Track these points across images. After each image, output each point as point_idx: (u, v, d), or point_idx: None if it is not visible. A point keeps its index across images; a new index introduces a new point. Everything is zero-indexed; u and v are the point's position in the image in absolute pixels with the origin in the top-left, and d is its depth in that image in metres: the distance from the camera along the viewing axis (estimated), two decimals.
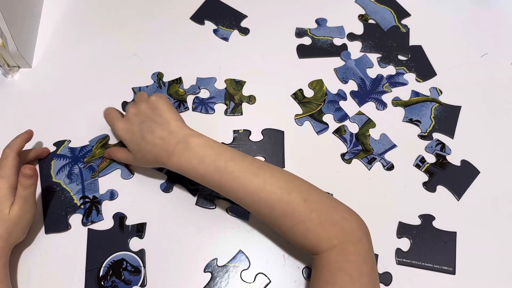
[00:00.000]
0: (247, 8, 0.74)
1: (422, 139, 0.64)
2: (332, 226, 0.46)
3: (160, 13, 0.73)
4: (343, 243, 0.45)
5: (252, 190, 0.48)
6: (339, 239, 0.45)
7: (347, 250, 0.45)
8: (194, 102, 0.65)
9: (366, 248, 0.46)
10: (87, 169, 0.60)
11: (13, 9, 0.62)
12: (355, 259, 0.45)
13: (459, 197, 0.60)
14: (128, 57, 0.69)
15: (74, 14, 0.73)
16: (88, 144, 0.61)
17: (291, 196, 0.47)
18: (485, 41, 0.73)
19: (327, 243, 0.46)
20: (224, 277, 0.54)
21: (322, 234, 0.46)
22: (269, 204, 0.47)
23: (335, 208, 0.48)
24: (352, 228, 0.47)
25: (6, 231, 0.49)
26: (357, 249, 0.45)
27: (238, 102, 0.65)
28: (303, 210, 0.47)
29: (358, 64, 0.69)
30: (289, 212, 0.47)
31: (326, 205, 0.48)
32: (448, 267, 0.55)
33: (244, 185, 0.48)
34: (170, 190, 0.58)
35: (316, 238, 0.46)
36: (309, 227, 0.46)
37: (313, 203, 0.47)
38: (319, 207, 0.47)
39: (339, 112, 0.65)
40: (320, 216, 0.46)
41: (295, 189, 0.48)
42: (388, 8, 0.75)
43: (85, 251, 0.54)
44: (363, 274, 0.44)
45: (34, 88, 0.66)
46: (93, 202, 0.58)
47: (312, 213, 0.46)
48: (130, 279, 0.53)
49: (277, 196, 0.47)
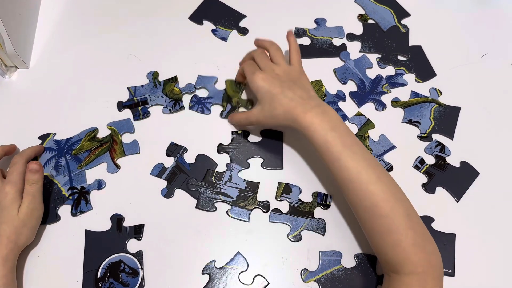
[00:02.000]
0: (246, 8, 0.74)
1: (422, 140, 0.63)
2: (423, 254, 0.46)
3: (158, 13, 0.73)
4: (426, 274, 0.45)
5: (365, 179, 0.48)
6: (423, 269, 0.45)
7: (427, 283, 0.45)
8: (191, 100, 0.64)
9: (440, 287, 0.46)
10: (74, 160, 0.60)
11: (11, 10, 0.62)
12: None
13: (458, 199, 0.59)
14: (126, 57, 0.68)
15: (72, 14, 0.73)
16: (73, 136, 0.62)
17: (397, 203, 0.47)
18: (485, 41, 0.72)
19: (412, 267, 0.46)
20: (222, 279, 0.53)
21: (412, 256, 0.46)
22: (374, 200, 0.47)
23: (429, 238, 0.48)
24: (437, 264, 0.47)
25: (15, 231, 0.50)
26: (435, 285, 0.46)
27: (235, 105, 0.64)
28: (403, 223, 0.46)
29: (357, 64, 0.69)
30: (390, 217, 0.47)
31: (423, 231, 0.48)
32: (447, 269, 0.55)
33: (360, 170, 0.48)
34: (171, 195, 0.58)
35: (405, 256, 0.46)
36: (402, 241, 0.46)
37: (413, 222, 0.47)
38: (418, 228, 0.47)
39: (338, 112, 0.65)
40: (416, 238, 0.46)
41: (403, 200, 0.49)
42: (387, 8, 0.75)
43: (83, 253, 0.54)
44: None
45: (32, 88, 0.66)
46: (81, 192, 0.58)
47: (410, 231, 0.46)
48: (128, 281, 0.53)
49: (385, 196, 0.47)
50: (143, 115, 0.64)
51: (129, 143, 0.61)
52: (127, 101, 0.65)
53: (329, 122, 0.51)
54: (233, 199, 0.58)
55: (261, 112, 0.56)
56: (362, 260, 0.55)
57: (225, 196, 0.58)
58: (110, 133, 0.62)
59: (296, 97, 0.53)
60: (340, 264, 0.54)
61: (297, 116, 0.52)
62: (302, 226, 0.56)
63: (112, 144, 0.61)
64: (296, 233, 0.56)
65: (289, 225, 0.57)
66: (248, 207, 0.57)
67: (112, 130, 0.62)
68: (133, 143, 0.61)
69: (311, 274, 0.54)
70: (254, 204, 0.58)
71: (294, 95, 0.54)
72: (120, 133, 0.62)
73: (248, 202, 0.58)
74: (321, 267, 0.54)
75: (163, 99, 0.65)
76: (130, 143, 0.61)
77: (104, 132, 0.62)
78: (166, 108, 0.64)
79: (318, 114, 0.52)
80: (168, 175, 0.59)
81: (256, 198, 0.58)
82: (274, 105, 0.54)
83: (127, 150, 0.61)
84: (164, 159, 0.60)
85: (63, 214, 0.57)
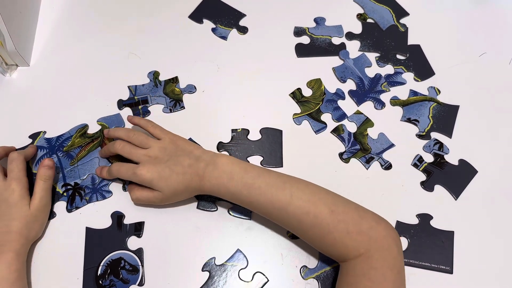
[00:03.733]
0: (245, 7, 0.74)
1: (420, 139, 0.64)
2: (360, 236, 0.47)
3: (158, 12, 0.73)
4: (369, 250, 0.47)
5: (280, 205, 0.49)
6: (365, 248, 0.47)
7: (372, 257, 0.46)
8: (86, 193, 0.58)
9: (393, 255, 0.47)
10: (66, 157, 0.60)
11: (11, 8, 0.62)
12: (379, 266, 0.46)
13: (457, 197, 0.60)
14: (126, 55, 0.69)
15: (72, 12, 0.73)
16: (63, 133, 0.62)
17: (317, 209, 0.48)
18: (484, 40, 0.73)
19: (354, 251, 0.47)
20: (222, 276, 0.54)
21: (350, 244, 0.47)
22: (297, 217, 0.49)
23: (362, 218, 0.49)
24: (380, 236, 0.48)
25: (27, 226, 0.51)
26: (382, 256, 0.46)
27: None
28: (330, 221, 0.48)
29: (356, 63, 0.69)
30: (317, 224, 0.48)
31: (353, 215, 0.49)
32: (446, 267, 0.55)
33: (272, 200, 0.49)
34: None
35: (344, 248, 0.48)
36: (337, 237, 0.48)
37: (340, 214, 0.48)
38: (346, 218, 0.48)
39: (337, 111, 0.65)
40: (348, 227, 0.47)
41: (321, 201, 0.49)
42: (386, 7, 0.75)
43: (83, 250, 0.54)
44: (387, 280, 0.46)
45: (32, 86, 0.66)
46: (75, 188, 0.58)
47: (340, 224, 0.48)
48: (128, 278, 0.53)
49: (304, 210, 0.48)
50: (143, 114, 0.64)
51: None
52: (127, 100, 0.65)
53: (224, 174, 0.51)
54: None
55: (164, 195, 0.53)
56: None
57: None
58: (100, 129, 0.62)
59: (186, 169, 0.52)
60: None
61: (197, 188, 0.52)
62: None
63: (103, 139, 0.62)
64: None
65: None
66: None
67: (102, 126, 0.63)
68: None
69: (310, 271, 0.54)
70: None
71: (183, 168, 0.52)
72: (110, 127, 0.62)
73: None
74: (321, 264, 0.55)
75: (163, 99, 0.65)
76: None
77: (95, 128, 0.63)
78: (167, 108, 0.64)
79: (212, 174, 0.51)
80: None
81: None
82: (173, 187, 0.52)
83: None
84: None
85: (58, 210, 0.57)
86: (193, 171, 0.52)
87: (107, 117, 0.63)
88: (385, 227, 0.49)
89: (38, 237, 0.54)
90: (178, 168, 0.52)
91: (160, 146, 0.55)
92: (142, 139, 0.55)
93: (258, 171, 0.52)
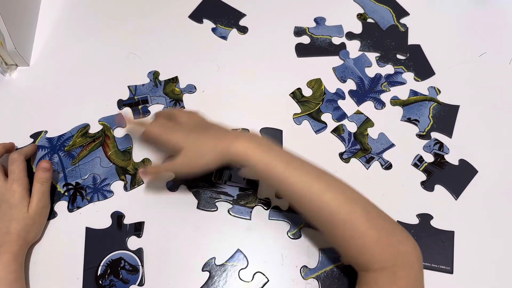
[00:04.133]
0: (246, 6, 0.74)
1: (420, 138, 0.64)
2: (389, 248, 0.45)
3: (158, 12, 0.73)
4: (394, 266, 0.45)
5: (317, 191, 0.46)
6: (391, 262, 0.45)
7: (397, 274, 0.44)
8: (87, 193, 0.58)
9: (416, 274, 0.46)
10: (67, 157, 0.60)
11: (11, 8, 0.62)
12: (403, 284, 0.44)
13: (457, 197, 0.60)
14: (126, 55, 0.69)
15: (72, 12, 0.73)
16: (65, 132, 0.62)
17: (353, 206, 0.46)
18: (484, 40, 0.73)
19: (379, 263, 0.45)
20: (222, 276, 0.54)
21: (377, 254, 0.45)
22: (331, 208, 0.46)
23: (393, 229, 0.47)
24: (407, 252, 0.46)
25: (25, 228, 0.51)
26: (407, 274, 0.45)
27: (133, 172, 0.59)
28: (363, 223, 0.45)
29: (356, 63, 0.69)
30: (349, 222, 0.45)
31: (385, 224, 0.47)
32: (446, 266, 0.55)
33: (310, 183, 0.47)
34: (176, 189, 0.59)
35: (370, 256, 0.45)
36: (366, 243, 0.45)
37: (373, 219, 0.46)
38: (379, 224, 0.46)
39: (338, 111, 0.65)
40: (379, 235, 0.45)
41: (358, 200, 0.47)
42: (387, 7, 0.75)
43: (83, 250, 0.54)
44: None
45: (32, 86, 0.66)
46: (76, 188, 0.58)
47: (371, 230, 0.45)
48: (128, 278, 0.53)
49: (340, 202, 0.46)
50: (143, 114, 0.64)
51: (121, 137, 0.62)
52: (127, 100, 0.65)
53: (261, 145, 0.49)
54: (234, 197, 0.58)
55: (185, 157, 0.50)
56: None
57: (226, 195, 0.58)
58: (102, 128, 0.62)
59: (218, 133, 0.51)
60: (340, 261, 0.55)
61: (227, 147, 0.48)
62: (301, 223, 0.57)
63: (104, 139, 0.62)
64: (296, 231, 0.56)
65: (288, 222, 0.57)
66: (249, 205, 0.58)
67: (103, 125, 0.63)
68: (125, 137, 0.62)
69: (310, 271, 0.54)
70: (255, 201, 0.58)
71: (215, 132, 0.51)
72: (112, 128, 0.62)
73: (249, 200, 0.58)
74: (321, 264, 0.55)
75: (163, 99, 0.65)
76: (122, 137, 0.62)
77: (96, 127, 0.63)
78: (167, 108, 0.64)
79: (247, 140, 0.49)
80: None
81: (257, 196, 0.58)
82: (197, 147, 0.50)
83: (120, 144, 0.61)
84: None
85: (59, 210, 0.57)
86: (225, 135, 0.50)
87: (108, 116, 0.63)
88: (413, 244, 0.47)
89: (36, 239, 0.54)
90: (210, 131, 0.51)
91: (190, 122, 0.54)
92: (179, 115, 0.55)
93: (295, 155, 0.49)
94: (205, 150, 0.49)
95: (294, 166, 0.48)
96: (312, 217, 0.49)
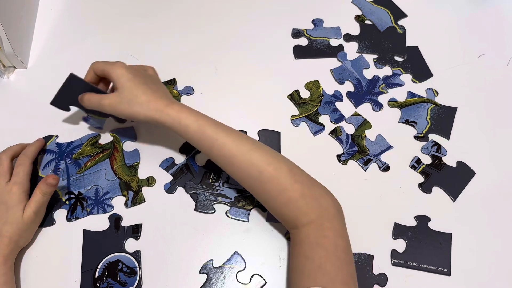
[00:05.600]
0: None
1: (418, 140, 0.64)
2: (313, 200, 0.49)
3: (156, 13, 0.73)
4: (320, 218, 0.48)
5: (245, 150, 0.50)
6: (316, 214, 0.48)
7: (324, 225, 0.48)
8: (87, 204, 0.58)
9: (340, 224, 0.49)
10: (73, 164, 0.60)
11: (9, 10, 0.62)
12: (331, 235, 0.47)
13: (455, 198, 0.60)
14: (124, 57, 0.68)
15: (70, 14, 0.73)
16: (75, 140, 0.62)
17: (279, 163, 0.50)
18: (481, 42, 0.73)
19: (306, 216, 0.48)
20: (220, 279, 0.54)
21: (303, 206, 0.48)
22: (259, 166, 0.49)
23: (314, 184, 0.51)
24: (328, 204, 0.49)
25: (19, 233, 0.51)
26: (332, 225, 0.48)
27: (136, 189, 0.59)
28: (289, 178, 0.49)
29: (354, 65, 0.69)
30: (276, 179, 0.49)
31: (307, 180, 0.51)
32: (444, 268, 0.55)
33: (238, 144, 0.51)
34: (174, 191, 0.59)
35: (297, 209, 0.49)
36: (292, 196, 0.49)
37: (297, 175, 0.50)
38: (302, 179, 0.50)
39: (335, 113, 0.65)
40: (303, 188, 0.49)
41: (281, 159, 0.51)
42: (384, 8, 0.75)
43: (81, 252, 0.54)
44: (338, 248, 0.47)
45: (30, 88, 0.66)
46: (78, 198, 0.58)
47: (296, 184, 0.49)
48: (126, 280, 0.53)
49: (267, 159, 0.50)
50: None
51: (130, 152, 0.61)
52: None
53: (192, 110, 0.53)
54: (231, 200, 0.58)
55: (118, 97, 0.53)
56: (359, 259, 0.55)
57: (224, 197, 0.58)
58: (112, 140, 0.62)
59: (160, 91, 0.54)
60: None
61: (163, 106, 0.52)
62: None
63: (113, 151, 0.61)
64: None
65: None
66: (247, 207, 0.58)
67: (114, 137, 0.62)
68: (134, 152, 0.61)
69: None
70: (252, 204, 0.58)
71: (158, 89, 0.54)
72: (122, 141, 0.62)
73: (246, 202, 0.58)
74: None
75: None
76: (131, 152, 0.61)
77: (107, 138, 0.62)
78: None
79: (183, 106, 0.53)
80: (175, 171, 0.60)
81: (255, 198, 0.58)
82: (135, 93, 0.52)
83: (128, 159, 0.60)
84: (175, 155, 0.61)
85: (58, 218, 0.57)
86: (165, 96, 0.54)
87: (120, 129, 0.63)
88: (332, 197, 0.51)
89: (26, 244, 0.54)
90: (153, 86, 0.54)
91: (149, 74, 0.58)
92: None
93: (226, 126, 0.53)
94: (139, 101, 0.52)
95: (222, 129, 0.52)
96: (242, 176, 0.51)
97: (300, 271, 0.47)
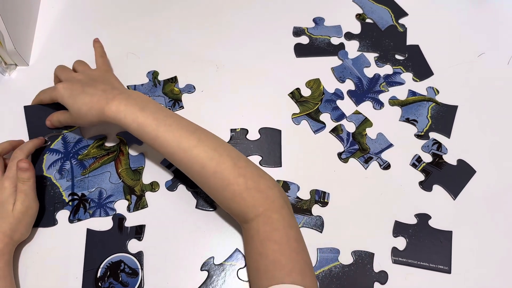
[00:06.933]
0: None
1: (419, 139, 0.64)
2: (258, 193, 0.49)
3: (158, 11, 0.73)
4: (268, 210, 0.48)
5: (186, 147, 0.50)
6: (264, 207, 0.48)
7: (272, 217, 0.48)
8: (90, 206, 0.57)
9: (289, 215, 0.49)
10: (78, 165, 0.60)
11: (10, 7, 0.62)
12: (281, 226, 0.47)
13: (455, 197, 0.60)
14: (125, 55, 0.69)
15: (72, 12, 0.73)
16: (82, 138, 0.61)
17: (221, 158, 0.50)
18: (482, 40, 0.73)
19: (254, 210, 0.48)
20: (221, 276, 0.54)
21: (249, 200, 0.48)
22: (201, 162, 0.50)
23: (260, 177, 0.50)
24: (275, 196, 0.49)
25: (10, 227, 0.51)
26: (281, 217, 0.48)
27: (139, 194, 0.58)
28: (232, 172, 0.49)
29: (355, 63, 0.70)
30: (219, 173, 0.49)
31: (253, 172, 0.50)
32: (444, 266, 0.55)
33: (180, 140, 0.50)
34: (175, 188, 0.59)
35: (243, 203, 0.49)
36: (236, 190, 0.49)
37: (241, 168, 0.50)
38: (247, 173, 0.50)
39: (336, 111, 0.65)
40: (247, 182, 0.49)
41: (226, 153, 0.51)
42: (385, 7, 0.76)
43: (83, 252, 0.54)
44: (291, 239, 0.47)
45: (32, 86, 0.66)
46: (81, 200, 0.58)
47: (240, 178, 0.49)
48: (128, 281, 0.53)
49: (209, 155, 0.50)
50: None
51: (135, 156, 0.61)
52: None
53: (136, 104, 0.52)
54: None
55: (70, 115, 0.56)
56: (360, 257, 0.55)
57: None
58: (118, 143, 0.62)
59: (97, 92, 0.54)
60: (338, 261, 0.55)
61: (102, 108, 0.52)
62: (300, 223, 0.57)
63: (118, 154, 0.61)
64: None
65: None
66: None
67: (121, 140, 0.62)
68: (139, 156, 0.61)
69: None
70: None
71: (95, 90, 0.54)
72: (128, 144, 0.62)
73: None
74: (319, 264, 0.55)
75: (162, 99, 0.65)
76: (136, 156, 0.61)
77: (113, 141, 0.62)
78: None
79: (123, 100, 0.52)
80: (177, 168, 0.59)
81: None
82: (78, 106, 0.54)
83: (133, 163, 0.60)
84: None
85: (60, 219, 0.57)
86: (103, 95, 0.53)
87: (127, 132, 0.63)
88: (279, 189, 0.51)
89: (24, 238, 0.53)
90: (91, 90, 0.54)
91: (89, 73, 0.59)
92: (80, 66, 0.60)
93: (172, 113, 0.53)
94: (84, 110, 0.53)
95: (164, 124, 0.51)
96: (186, 170, 0.52)
97: (256, 269, 0.47)
